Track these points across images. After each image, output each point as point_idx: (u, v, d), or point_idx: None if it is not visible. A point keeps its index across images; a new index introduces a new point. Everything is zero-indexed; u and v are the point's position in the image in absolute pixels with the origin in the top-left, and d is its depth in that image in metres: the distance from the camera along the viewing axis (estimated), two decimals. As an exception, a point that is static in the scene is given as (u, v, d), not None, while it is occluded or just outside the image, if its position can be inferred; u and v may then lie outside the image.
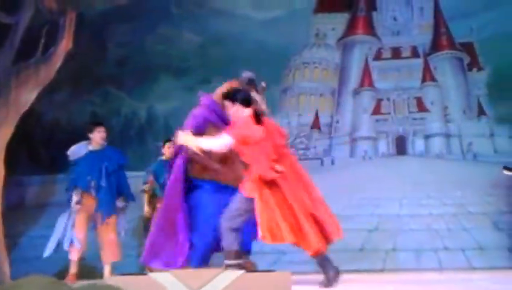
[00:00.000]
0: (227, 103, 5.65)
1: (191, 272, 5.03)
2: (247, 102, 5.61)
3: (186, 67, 9.65)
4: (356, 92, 9.30)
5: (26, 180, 8.83)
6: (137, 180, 9.15)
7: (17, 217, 8.49)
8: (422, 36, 9.35)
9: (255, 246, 6.02)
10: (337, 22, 9.62)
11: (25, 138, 8.62)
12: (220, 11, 9.67)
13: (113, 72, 9.69)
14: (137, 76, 9.65)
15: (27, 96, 8.38)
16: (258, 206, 5.29)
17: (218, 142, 5.47)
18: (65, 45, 8.54)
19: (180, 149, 6.00)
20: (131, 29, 9.80)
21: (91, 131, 7.09)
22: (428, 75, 9.20)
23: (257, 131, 5.47)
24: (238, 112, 5.56)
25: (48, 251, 6.76)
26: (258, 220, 5.24)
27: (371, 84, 9.33)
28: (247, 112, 5.55)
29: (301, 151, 9.15)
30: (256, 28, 9.50)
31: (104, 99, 9.56)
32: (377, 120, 9.12)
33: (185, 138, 5.58)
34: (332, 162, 9.02)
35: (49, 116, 9.09)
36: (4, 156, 8.09)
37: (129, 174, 9.21)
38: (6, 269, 8.03)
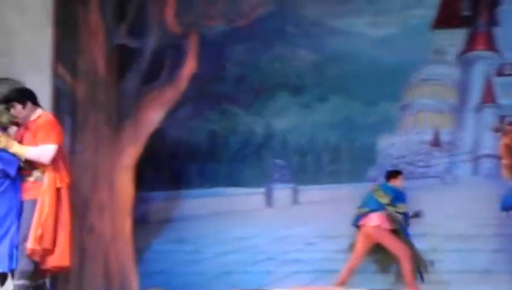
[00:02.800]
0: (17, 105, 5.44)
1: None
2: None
3: (302, 85, 9.73)
4: (478, 109, 9.11)
5: (151, 195, 9.15)
6: (256, 197, 9.36)
7: (141, 233, 8.83)
8: (548, 51, 9.07)
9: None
10: (456, 37, 9.45)
11: (150, 156, 8.96)
12: (336, 29, 9.71)
13: (230, 90, 9.91)
14: (254, 94, 9.82)
15: (154, 116, 8.76)
16: None
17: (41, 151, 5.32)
18: (189, 67, 8.86)
19: None
20: (248, 49, 9.99)
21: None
22: (555, 91, 8.92)
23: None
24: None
25: None
26: None
27: (493, 100, 9.12)
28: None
29: (421, 170, 9.05)
30: (372, 46, 9.48)
31: (222, 117, 9.78)
32: (501, 137, 8.90)
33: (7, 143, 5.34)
34: (454, 181, 8.87)
35: (172, 134, 9.40)
36: (132, 174, 8.48)
37: (247, 190, 9.45)
38: (134, 282, 8.38)
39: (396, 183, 8.07)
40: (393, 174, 8.17)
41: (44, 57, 8.42)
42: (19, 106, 5.43)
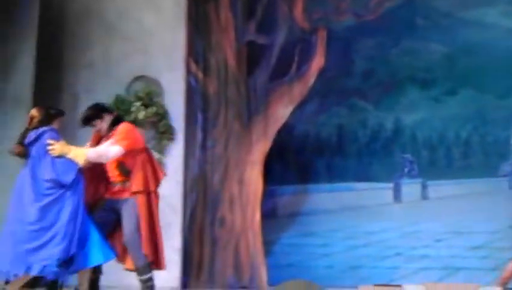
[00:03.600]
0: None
1: (441, 286, 5.04)
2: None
3: (433, 78, 9.57)
4: None
5: (279, 190, 9.32)
6: (385, 192, 9.33)
7: (270, 226, 9.03)
8: None
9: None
10: None
11: (278, 150, 9.13)
12: (468, 20, 9.48)
13: (359, 84, 9.88)
14: (382, 88, 9.75)
15: (283, 111, 8.92)
16: None
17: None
18: (317, 62, 8.95)
19: None
20: (377, 43, 9.93)
21: None
22: None
23: None
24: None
25: None
26: None
27: None
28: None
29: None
30: (506, 36, 9.20)
31: (350, 111, 9.77)
32: None
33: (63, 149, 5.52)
34: None
35: (300, 129, 9.52)
36: (262, 168, 8.71)
37: (375, 185, 9.43)
38: (263, 274, 8.60)
39: None
40: None
41: (178, 54, 8.78)
42: (98, 122, 5.82)
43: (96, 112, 5.84)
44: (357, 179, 9.46)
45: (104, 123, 5.81)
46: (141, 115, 8.28)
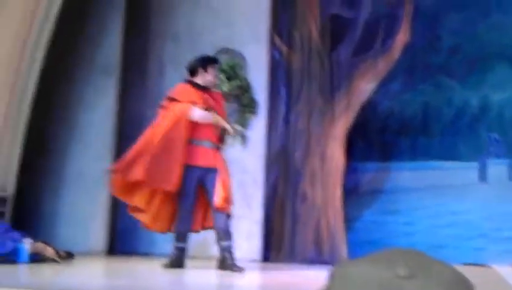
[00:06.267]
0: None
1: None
2: None
3: (523, 55, 9.25)
4: None
5: (361, 166, 9.21)
6: (469, 171, 9.10)
7: (352, 203, 8.95)
8: None
9: None
10: None
11: (361, 127, 9.01)
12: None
13: (445, 61, 9.63)
14: (469, 65, 9.49)
15: (366, 87, 8.77)
16: None
17: None
18: (402, 37, 8.74)
19: None
20: (464, 18, 9.64)
21: None
22: None
23: None
24: None
25: None
26: None
27: None
28: None
29: None
30: None
31: (435, 89, 9.55)
32: None
33: None
34: None
35: (384, 106, 9.36)
36: (344, 144, 8.62)
37: (460, 165, 9.22)
38: (344, 250, 8.54)
39: None
40: None
41: (262, 27, 8.74)
42: (201, 70, 6.78)
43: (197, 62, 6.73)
44: (441, 157, 9.27)
45: (208, 75, 6.68)
46: (225, 87, 8.30)
